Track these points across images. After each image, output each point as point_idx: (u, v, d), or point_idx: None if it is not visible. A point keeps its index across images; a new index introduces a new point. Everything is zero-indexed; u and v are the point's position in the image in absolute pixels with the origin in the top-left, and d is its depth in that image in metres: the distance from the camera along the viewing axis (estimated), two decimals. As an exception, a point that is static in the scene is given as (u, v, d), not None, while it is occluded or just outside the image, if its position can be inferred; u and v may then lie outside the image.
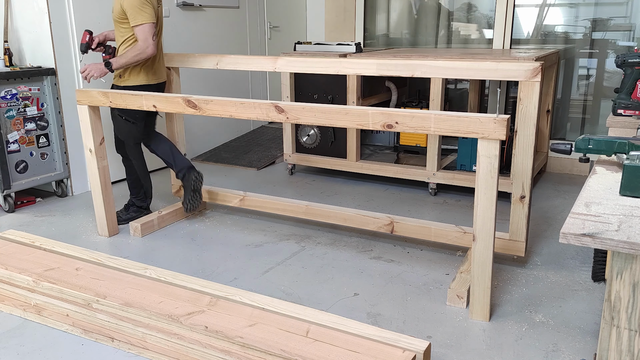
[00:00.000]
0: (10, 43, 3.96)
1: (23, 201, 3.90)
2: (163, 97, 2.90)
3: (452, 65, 2.77)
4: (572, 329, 2.32)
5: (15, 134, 3.71)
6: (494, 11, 4.67)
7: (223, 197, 3.58)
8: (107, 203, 3.29)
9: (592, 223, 1.27)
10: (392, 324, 2.38)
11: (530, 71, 2.52)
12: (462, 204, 3.84)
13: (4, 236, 2.85)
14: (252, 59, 3.37)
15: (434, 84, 3.71)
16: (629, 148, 1.62)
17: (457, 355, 2.16)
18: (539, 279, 2.76)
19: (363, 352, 1.85)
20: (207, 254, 3.11)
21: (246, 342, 1.92)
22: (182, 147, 3.63)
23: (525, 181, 2.68)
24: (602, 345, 1.31)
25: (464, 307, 2.49)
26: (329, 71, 3.12)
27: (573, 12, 4.52)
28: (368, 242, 3.23)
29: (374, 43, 5.48)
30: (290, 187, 4.30)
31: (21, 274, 2.41)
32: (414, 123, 2.29)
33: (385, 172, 4.12)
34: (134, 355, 2.18)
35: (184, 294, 2.24)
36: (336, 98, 4.22)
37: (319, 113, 2.48)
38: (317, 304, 2.53)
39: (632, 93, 2.30)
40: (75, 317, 2.30)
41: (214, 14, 5.19)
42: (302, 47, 4.44)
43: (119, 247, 3.22)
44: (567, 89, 4.63)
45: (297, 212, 3.33)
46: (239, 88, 5.58)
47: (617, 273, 1.25)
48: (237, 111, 2.70)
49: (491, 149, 2.19)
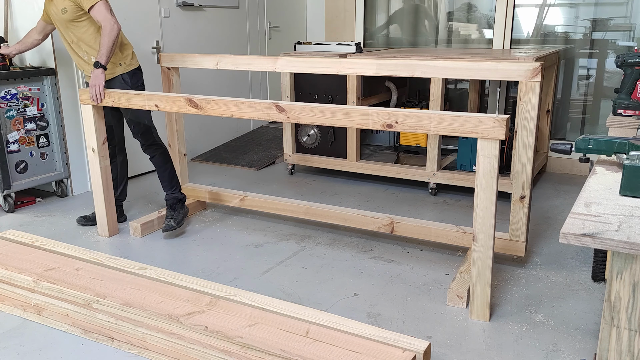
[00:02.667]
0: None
1: (23, 201, 3.90)
2: (165, 97, 2.90)
3: (452, 65, 2.77)
4: (572, 329, 2.32)
5: (15, 134, 3.71)
6: (493, 11, 4.67)
7: (223, 197, 3.58)
8: (108, 203, 3.29)
9: (592, 223, 1.27)
10: (392, 324, 2.38)
11: (530, 71, 2.52)
12: (462, 204, 3.84)
13: (4, 236, 2.85)
14: (252, 59, 3.37)
15: (434, 84, 3.71)
16: (629, 148, 1.62)
17: (457, 355, 2.16)
18: (539, 279, 2.76)
19: (363, 352, 1.85)
20: (207, 254, 3.11)
21: (246, 342, 1.92)
22: (182, 147, 3.64)
23: (525, 181, 2.68)
24: (602, 345, 1.31)
25: (464, 307, 2.49)
26: (329, 71, 3.12)
27: (573, 12, 4.52)
28: (368, 242, 3.23)
29: (373, 43, 5.48)
30: (290, 187, 4.30)
31: (21, 274, 2.41)
32: (414, 123, 2.29)
33: (385, 172, 4.12)
34: (134, 355, 2.18)
35: (184, 294, 2.24)
36: (336, 98, 4.22)
37: (320, 113, 2.49)
38: (317, 304, 2.53)
39: (632, 93, 2.30)
40: (75, 317, 2.30)
41: (214, 14, 5.19)
42: (302, 47, 4.44)
43: (119, 247, 3.22)
44: (567, 89, 4.63)
45: (297, 212, 3.33)
46: (238, 88, 5.57)
47: (617, 273, 1.25)
48: (239, 111, 2.70)
49: (491, 149, 2.19)
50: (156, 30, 4.60)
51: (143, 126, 3.23)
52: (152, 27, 4.56)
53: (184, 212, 3.37)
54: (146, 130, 3.25)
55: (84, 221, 3.51)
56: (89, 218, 3.51)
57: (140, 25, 4.43)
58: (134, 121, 3.22)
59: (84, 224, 3.51)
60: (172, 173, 3.37)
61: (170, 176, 3.36)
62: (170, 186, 3.36)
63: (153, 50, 4.57)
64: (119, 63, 3.14)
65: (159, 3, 4.60)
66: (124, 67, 3.16)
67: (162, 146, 3.33)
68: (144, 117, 3.23)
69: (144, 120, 3.24)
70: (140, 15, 4.41)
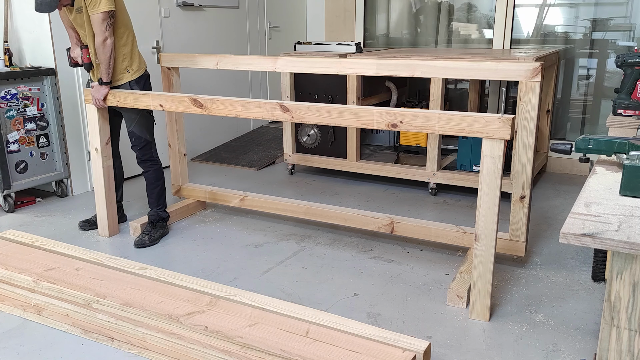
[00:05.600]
0: (10, 43, 3.96)
1: (23, 201, 3.90)
2: (169, 97, 2.90)
3: (452, 65, 2.77)
4: (572, 329, 2.32)
5: (15, 134, 3.71)
6: (494, 11, 4.67)
7: (223, 197, 3.58)
8: (109, 203, 3.29)
9: (592, 223, 1.27)
10: (392, 324, 2.38)
11: (530, 71, 2.52)
12: (462, 204, 3.84)
13: (4, 236, 2.85)
14: (252, 59, 3.37)
15: (434, 84, 3.71)
16: (629, 148, 1.61)
17: (457, 355, 2.16)
18: (539, 279, 2.76)
19: (363, 352, 1.85)
20: (207, 254, 3.11)
21: (246, 342, 1.92)
22: (182, 147, 3.64)
23: (525, 181, 2.68)
24: (602, 345, 1.31)
25: (464, 307, 2.49)
26: (329, 71, 3.13)
27: (573, 12, 4.52)
28: (368, 242, 3.23)
29: (374, 43, 5.48)
30: (290, 187, 4.30)
31: (21, 274, 2.41)
32: (418, 122, 2.29)
33: (385, 172, 4.12)
34: (134, 355, 2.18)
35: (184, 294, 2.24)
36: (336, 98, 4.22)
37: (324, 112, 2.49)
38: (317, 304, 2.53)
39: (632, 93, 2.30)
40: (75, 317, 2.30)
41: (214, 14, 5.19)
42: (302, 47, 4.44)
43: (119, 247, 3.22)
44: (567, 89, 4.63)
45: (297, 212, 3.33)
46: (239, 88, 5.57)
47: (617, 273, 1.25)
48: (243, 110, 2.71)
49: (495, 149, 2.18)
50: (156, 30, 4.60)
51: (144, 140, 3.22)
52: (152, 27, 4.56)
53: (162, 232, 3.32)
54: (146, 145, 3.23)
55: (87, 225, 3.46)
56: (92, 222, 3.46)
57: (140, 25, 4.42)
58: (135, 134, 3.19)
59: (88, 228, 3.45)
60: (161, 191, 3.33)
61: (159, 194, 3.32)
62: (156, 204, 3.33)
63: (153, 50, 4.57)
64: (127, 69, 3.12)
65: (159, 3, 4.60)
66: (131, 74, 3.12)
67: (157, 163, 3.29)
68: (146, 132, 3.21)
69: (145, 136, 3.21)
70: (140, 15, 4.40)
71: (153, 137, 3.27)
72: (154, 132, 3.28)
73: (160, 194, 3.33)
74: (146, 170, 3.28)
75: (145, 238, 3.22)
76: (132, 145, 3.24)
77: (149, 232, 3.26)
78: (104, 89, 3.03)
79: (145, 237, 3.22)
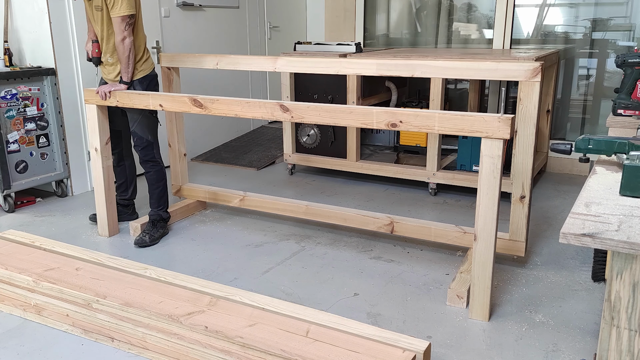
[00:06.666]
0: (10, 43, 3.96)
1: (23, 201, 3.90)
2: (169, 97, 2.91)
3: (452, 65, 2.77)
4: (572, 329, 2.32)
5: (15, 134, 3.71)
6: (494, 11, 4.67)
7: (223, 197, 3.58)
8: (109, 203, 3.29)
9: (592, 223, 1.27)
10: (392, 324, 2.38)
11: (530, 71, 2.52)
12: (462, 204, 3.84)
13: (4, 236, 2.85)
14: (252, 59, 3.37)
15: (434, 84, 3.71)
16: (629, 148, 1.61)
17: (457, 355, 2.16)
18: (539, 279, 2.76)
19: (363, 352, 1.85)
20: (207, 254, 3.11)
21: (246, 342, 1.92)
22: (182, 147, 3.64)
23: (525, 181, 2.68)
24: (602, 345, 1.31)
25: (464, 307, 2.49)
26: (329, 71, 3.13)
27: (573, 12, 4.52)
28: (368, 242, 3.23)
29: (374, 43, 5.48)
30: (290, 187, 4.30)
31: (21, 274, 2.41)
32: (418, 122, 2.29)
33: (385, 172, 4.12)
34: (134, 355, 2.18)
35: (184, 294, 2.24)
36: (336, 98, 4.22)
37: (324, 112, 2.49)
38: (317, 304, 2.53)
39: (632, 93, 2.30)
40: (75, 317, 2.30)
41: (214, 14, 5.19)
42: (302, 47, 4.44)
43: (119, 247, 3.22)
44: (567, 89, 4.63)
45: (297, 212, 3.33)
46: (238, 88, 5.57)
47: (617, 273, 1.25)
48: (243, 110, 2.71)
49: (494, 149, 2.18)
50: (156, 30, 4.60)
51: (145, 141, 3.22)
52: (152, 27, 4.55)
53: (162, 232, 3.33)
54: (147, 146, 3.22)
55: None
56: None
57: (140, 25, 4.43)
58: (137, 134, 3.20)
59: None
60: (162, 192, 3.33)
61: (160, 195, 3.32)
62: (157, 204, 3.33)
63: (153, 50, 4.57)
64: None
65: (159, 3, 4.60)
66: (136, 73, 3.13)
67: (159, 164, 3.29)
68: (147, 133, 3.21)
69: (147, 136, 3.21)
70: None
71: (156, 138, 3.27)
72: (157, 134, 3.28)
73: (161, 195, 3.33)
74: (147, 171, 3.28)
75: (146, 237, 3.23)
76: (134, 145, 3.26)
77: (149, 231, 3.27)
78: (122, 87, 3.07)
79: (145, 236, 3.23)
